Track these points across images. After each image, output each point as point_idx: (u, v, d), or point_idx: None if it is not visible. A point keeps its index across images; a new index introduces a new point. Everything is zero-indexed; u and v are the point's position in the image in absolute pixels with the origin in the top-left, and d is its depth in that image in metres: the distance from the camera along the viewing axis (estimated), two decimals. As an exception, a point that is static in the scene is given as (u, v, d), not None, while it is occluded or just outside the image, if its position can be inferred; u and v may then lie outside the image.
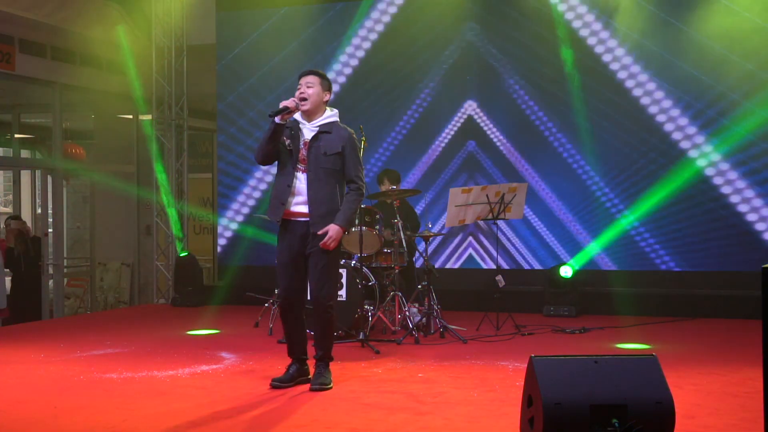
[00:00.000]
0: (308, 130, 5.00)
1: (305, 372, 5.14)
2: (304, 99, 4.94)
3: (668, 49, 8.63)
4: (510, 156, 9.14)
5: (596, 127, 8.84)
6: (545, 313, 8.44)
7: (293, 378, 5.09)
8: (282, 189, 4.97)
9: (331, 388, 4.99)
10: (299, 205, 4.96)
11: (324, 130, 4.98)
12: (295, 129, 5.01)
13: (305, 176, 4.93)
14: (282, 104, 4.88)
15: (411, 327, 6.84)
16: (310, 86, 4.96)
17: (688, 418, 4.21)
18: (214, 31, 10.31)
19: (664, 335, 7.25)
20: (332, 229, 4.87)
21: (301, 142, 4.97)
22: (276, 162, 5.07)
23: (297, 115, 5.03)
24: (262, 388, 5.06)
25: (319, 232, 4.88)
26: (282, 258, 5.05)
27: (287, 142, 4.97)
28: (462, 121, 9.33)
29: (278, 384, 5.05)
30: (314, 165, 4.92)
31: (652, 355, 3.66)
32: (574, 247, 8.96)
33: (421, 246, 7.51)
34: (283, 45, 9.84)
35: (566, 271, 8.46)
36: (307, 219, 4.94)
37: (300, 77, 5.03)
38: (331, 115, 5.06)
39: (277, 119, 4.87)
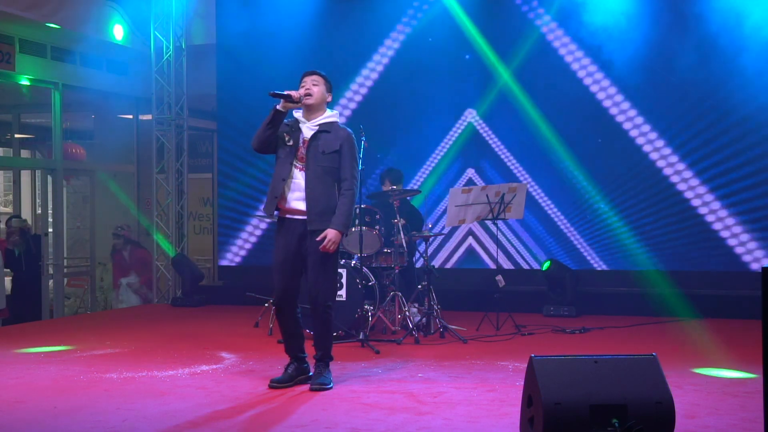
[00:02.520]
0: (308, 129, 5.04)
1: (304, 371, 5.14)
2: (309, 95, 4.99)
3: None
4: (509, 158, 9.17)
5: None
6: (545, 313, 8.44)
7: (292, 378, 5.09)
8: (277, 183, 5.01)
9: (331, 388, 4.99)
10: (296, 202, 4.99)
11: (323, 129, 5.02)
12: (295, 126, 5.06)
13: (303, 174, 4.96)
14: (287, 91, 4.94)
15: (411, 327, 6.84)
16: (315, 84, 5.03)
17: (688, 418, 4.21)
18: (214, 31, 10.30)
19: (664, 335, 7.25)
20: (330, 233, 4.89)
21: (301, 140, 5.01)
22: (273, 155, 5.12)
23: (298, 114, 5.09)
24: (262, 388, 5.07)
25: (318, 238, 4.90)
26: (278, 257, 5.06)
27: (287, 138, 5.02)
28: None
29: (276, 385, 5.04)
30: (312, 163, 4.95)
31: (652, 355, 3.66)
32: (574, 246, 8.97)
33: (421, 246, 7.50)
34: (284, 40, 9.83)
35: (546, 265, 8.55)
36: (304, 217, 4.97)
37: (304, 76, 5.09)
38: (331, 115, 5.10)
39: (278, 106, 4.93)
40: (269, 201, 5.05)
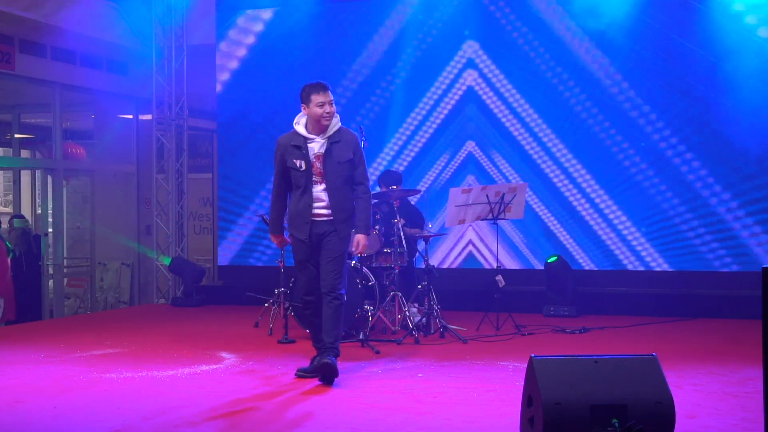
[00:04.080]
0: (318, 144, 5.15)
1: None
2: (328, 117, 5.10)
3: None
4: (513, 149, 9.17)
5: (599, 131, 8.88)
6: (545, 313, 8.44)
7: (317, 369, 5.17)
8: (304, 209, 5.15)
9: (337, 375, 5.08)
10: (320, 209, 5.18)
11: (334, 140, 5.17)
12: (304, 147, 5.14)
13: (323, 186, 5.14)
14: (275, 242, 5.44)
15: (411, 327, 6.84)
16: (332, 104, 5.15)
17: (688, 418, 4.21)
18: (214, 31, 10.30)
19: (664, 335, 7.25)
20: (360, 239, 5.21)
21: (312, 156, 5.14)
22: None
23: (304, 131, 5.17)
24: (262, 388, 5.07)
25: (351, 249, 5.25)
26: (299, 255, 5.25)
27: (298, 164, 5.13)
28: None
29: (303, 374, 5.26)
30: (331, 175, 5.13)
31: (652, 355, 3.66)
32: (574, 246, 8.97)
33: (421, 246, 7.50)
34: (284, 42, 9.83)
35: (552, 259, 8.59)
36: (327, 218, 5.15)
37: (317, 92, 5.09)
38: (336, 122, 5.23)
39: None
40: (299, 224, 5.17)
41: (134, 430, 4.14)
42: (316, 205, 5.15)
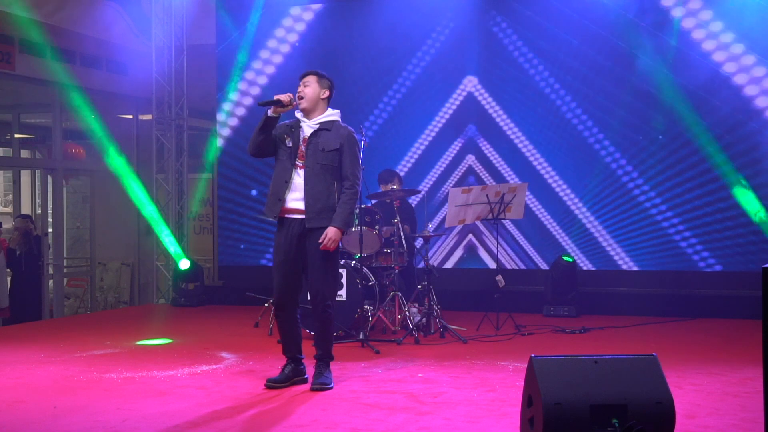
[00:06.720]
0: (308, 127, 5.05)
1: (301, 372, 5.15)
2: (301, 98, 5.02)
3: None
4: (514, 144, 9.16)
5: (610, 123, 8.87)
6: (545, 313, 8.44)
7: (288, 378, 5.09)
8: (279, 184, 5.01)
9: (331, 388, 4.99)
10: (295, 201, 4.98)
11: (324, 128, 5.03)
12: (296, 127, 5.08)
13: (303, 172, 4.97)
14: (275, 97, 4.95)
15: (411, 327, 6.84)
16: (306, 85, 5.05)
17: (688, 418, 4.21)
18: (214, 31, 10.30)
19: (664, 335, 7.25)
20: (330, 231, 4.89)
21: (300, 139, 5.03)
22: (271, 157, 5.15)
23: (298, 114, 5.11)
24: (262, 388, 5.07)
25: (320, 240, 4.89)
26: (277, 257, 5.07)
27: (286, 139, 5.03)
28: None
29: (273, 384, 5.05)
30: (312, 160, 4.96)
31: (652, 355, 3.66)
32: (574, 246, 8.97)
33: (419, 243, 7.52)
34: (283, 41, 9.83)
35: (569, 258, 8.60)
36: (303, 217, 4.97)
37: (300, 78, 5.12)
38: (332, 114, 5.11)
39: (269, 112, 4.94)
40: (272, 202, 5.04)
41: (134, 430, 4.14)
42: (292, 195, 4.96)
